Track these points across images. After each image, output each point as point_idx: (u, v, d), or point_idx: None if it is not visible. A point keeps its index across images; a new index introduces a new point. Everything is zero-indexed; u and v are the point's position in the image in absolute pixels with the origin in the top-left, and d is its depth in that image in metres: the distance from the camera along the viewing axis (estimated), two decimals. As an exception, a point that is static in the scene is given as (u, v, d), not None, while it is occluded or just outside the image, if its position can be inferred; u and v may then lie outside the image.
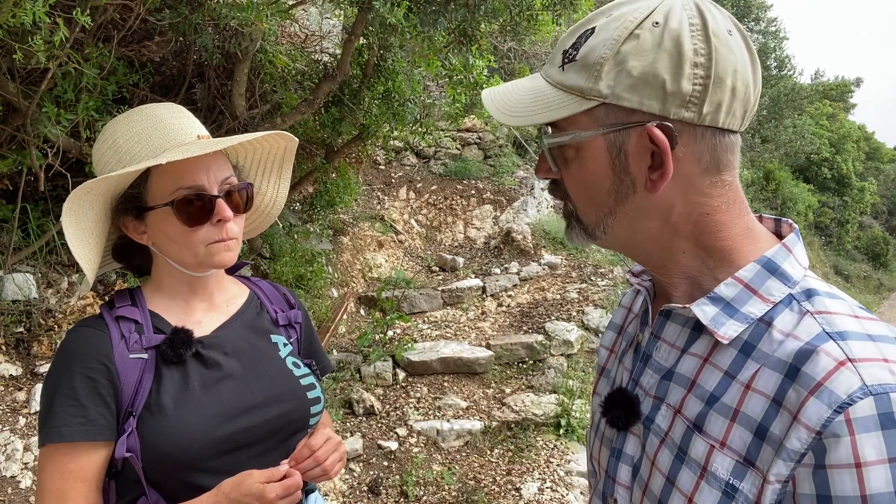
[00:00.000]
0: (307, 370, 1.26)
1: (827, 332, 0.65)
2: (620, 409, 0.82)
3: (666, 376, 0.79)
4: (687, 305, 0.75)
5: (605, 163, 0.74)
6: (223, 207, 1.11)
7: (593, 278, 6.11)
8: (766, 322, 0.71)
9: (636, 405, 0.81)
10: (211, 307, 1.22)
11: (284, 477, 1.06)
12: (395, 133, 4.61)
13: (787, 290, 0.71)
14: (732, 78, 0.69)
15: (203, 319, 1.19)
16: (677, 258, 0.77)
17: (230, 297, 1.26)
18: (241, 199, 1.17)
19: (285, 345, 1.27)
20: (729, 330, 0.72)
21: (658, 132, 0.69)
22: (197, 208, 1.09)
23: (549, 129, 0.77)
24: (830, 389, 0.61)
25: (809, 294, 0.71)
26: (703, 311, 0.73)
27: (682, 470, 0.72)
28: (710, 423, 0.70)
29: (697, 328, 0.76)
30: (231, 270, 1.32)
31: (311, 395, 1.22)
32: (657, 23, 0.69)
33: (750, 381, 0.68)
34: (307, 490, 1.29)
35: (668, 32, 0.68)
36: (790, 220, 0.79)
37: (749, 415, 0.67)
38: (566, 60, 0.75)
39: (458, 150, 8.36)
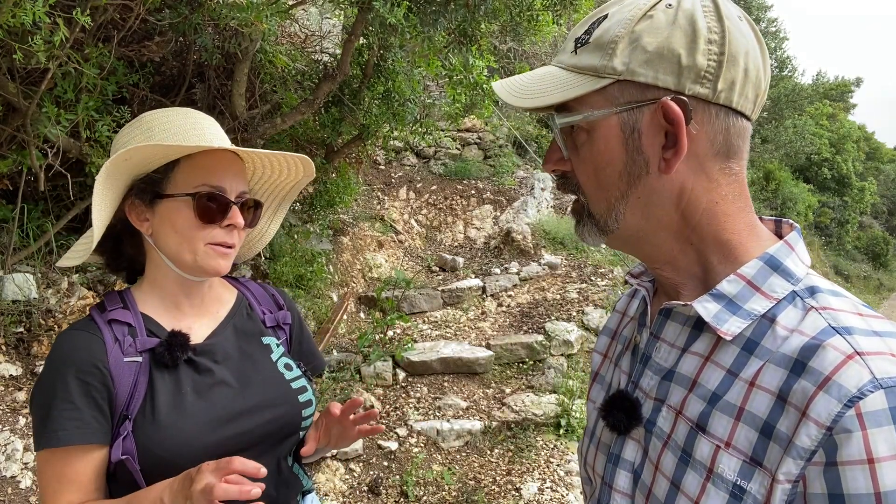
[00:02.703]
0: (299, 372, 1.26)
1: (833, 327, 0.64)
2: (622, 412, 0.80)
3: (666, 377, 0.77)
4: (689, 303, 0.73)
5: (617, 143, 0.73)
6: (237, 214, 1.13)
7: (593, 278, 6.11)
8: (769, 319, 0.70)
9: (637, 408, 0.79)
10: (202, 312, 1.21)
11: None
12: (395, 133, 4.62)
13: (790, 286, 0.70)
14: (745, 59, 0.70)
15: (193, 325, 1.18)
16: (686, 250, 0.76)
17: (220, 301, 1.26)
18: (250, 215, 1.19)
19: (277, 346, 1.27)
20: (732, 327, 0.71)
21: (673, 105, 0.68)
22: (215, 208, 1.11)
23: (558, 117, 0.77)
24: (840, 383, 0.59)
25: (813, 291, 0.70)
26: (706, 308, 0.72)
27: (687, 472, 0.70)
28: (713, 423, 0.69)
29: (698, 326, 0.75)
30: None
31: (302, 398, 1.22)
32: (670, 4, 0.71)
33: (754, 378, 0.67)
34: (304, 491, 1.29)
35: (682, 12, 0.70)
36: (791, 220, 0.78)
37: (754, 413, 0.66)
38: (578, 45, 0.75)
39: (458, 150, 8.36)
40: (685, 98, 0.69)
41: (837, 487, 0.58)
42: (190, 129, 1.12)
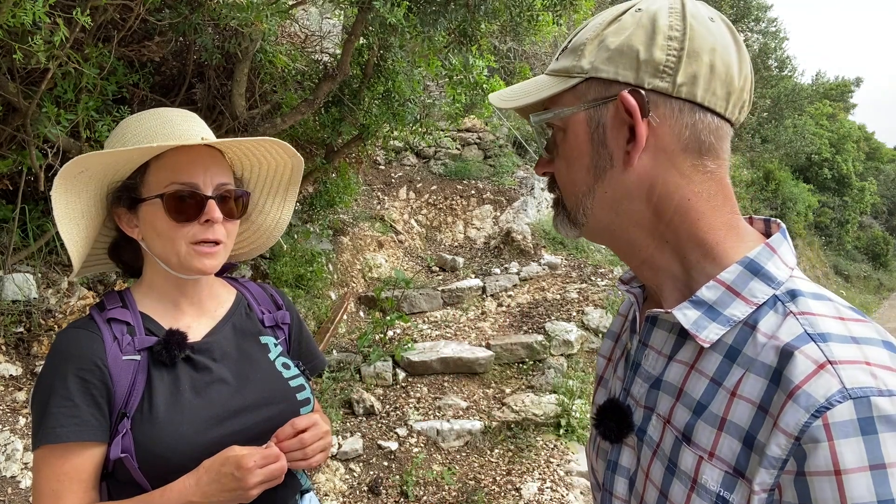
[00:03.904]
0: (297, 371, 1.26)
1: (808, 334, 0.63)
2: (613, 421, 0.80)
3: (654, 385, 0.77)
4: (669, 310, 0.73)
5: (585, 139, 0.75)
6: (213, 208, 1.11)
7: (593, 278, 6.11)
8: (750, 325, 0.69)
9: (628, 416, 0.79)
10: (200, 311, 1.21)
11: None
12: (395, 133, 4.62)
13: (771, 291, 0.70)
14: (710, 55, 0.70)
15: (192, 324, 1.19)
16: (662, 248, 0.76)
17: (218, 300, 1.26)
18: (237, 206, 1.17)
19: (275, 345, 1.27)
20: (710, 334, 0.70)
21: (629, 97, 0.70)
22: (187, 205, 1.10)
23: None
24: (808, 393, 0.59)
25: (794, 295, 0.69)
26: (685, 315, 0.72)
27: (673, 482, 0.70)
28: (698, 433, 0.69)
29: (683, 334, 0.75)
30: (220, 272, 1.32)
31: (300, 396, 1.22)
32: (639, 9, 0.74)
33: (735, 388, 0.67)
34: (303, 490, 1.29)
35: (647, 13, 0.73)
36: (778, 220, 0.78)
37: (736, 423, 0.65)
38: (560, 53, 0.79)
39: (458, 150, 8.36)
40: (643, 91, 0.71)
41: (806, 498, 0.58)
42: (159, 129, 1.11)
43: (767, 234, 0.78)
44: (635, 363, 0.82)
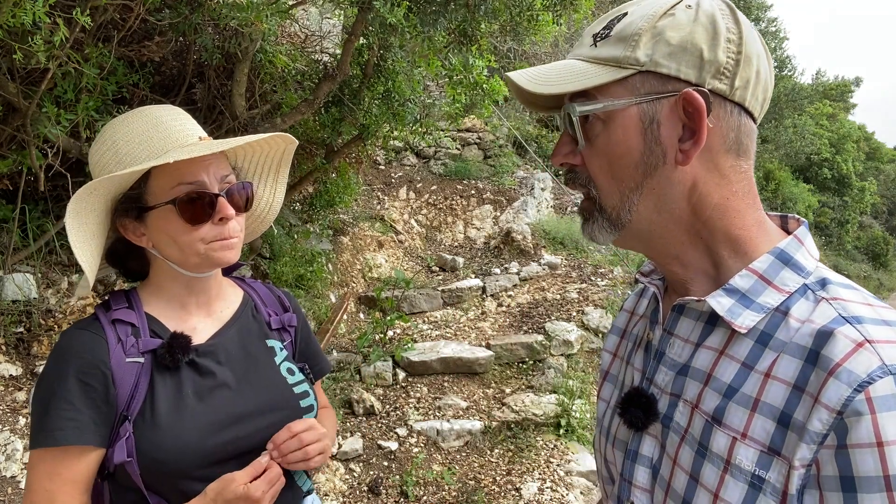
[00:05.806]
0: (301, 376, 1.25)
1: (843, 317, 0.66)
2: (639, 409, 0.81)
3: (681, 372, 0.78)
4: (702, 298, 0.75)
5: (636, 133, 0.74)
6: (225, 205, 1.10)
7: (593, 278, 6.11)
8: (782, 312, 0.71)
9: (654, 404, 0.80)
10: (208, 312, 1.21)
11: (266, 470, 1.08)
12: (395, 133, 4.61)
13: (801, 280, 0.72)
14: (757, 61, 0.73)
15: (198, 325, 1.18)
16: (696, 245, 0.77)
17: (226, 301, 1.25)
18: (242, 198, 1.16)
19: (281, 349, 1.26)
20: (746, 320, 0.72)
21: (697, 96, 0.70)
22: (199, 206, 1.08)
23: (576, 109, 0.76)
24: (849, 369, 0.62)
25: (824, 283, 0.72)
26: (719, 302, 0.74)
27: (704, 465, 0.71)
28: (729, 415, 0.70)
29: (711, 321, 0.77)
30: (227, 271, 1.31)
31: (304, 403, 1.22)
32: (689, 5, 0.73)
33: (769, 370, 0.69)
34: (305, 493, 1.28)
35: (703, 11, 0.73)
36: (797, 216, 0.81)
37: (770, 403, 0.67)
38: (598, 39, 0.76)
39: (458, 150, 8.36)
40: (706, 91, 0.71)
41: (848, 469, 0.60)
42: (153, 133, 1.08)
43: (784, 230, 0.81)
44: (659, 352, 0.83)
